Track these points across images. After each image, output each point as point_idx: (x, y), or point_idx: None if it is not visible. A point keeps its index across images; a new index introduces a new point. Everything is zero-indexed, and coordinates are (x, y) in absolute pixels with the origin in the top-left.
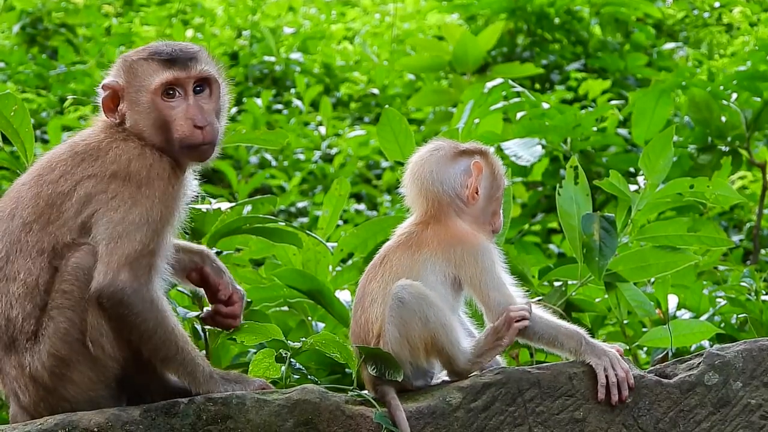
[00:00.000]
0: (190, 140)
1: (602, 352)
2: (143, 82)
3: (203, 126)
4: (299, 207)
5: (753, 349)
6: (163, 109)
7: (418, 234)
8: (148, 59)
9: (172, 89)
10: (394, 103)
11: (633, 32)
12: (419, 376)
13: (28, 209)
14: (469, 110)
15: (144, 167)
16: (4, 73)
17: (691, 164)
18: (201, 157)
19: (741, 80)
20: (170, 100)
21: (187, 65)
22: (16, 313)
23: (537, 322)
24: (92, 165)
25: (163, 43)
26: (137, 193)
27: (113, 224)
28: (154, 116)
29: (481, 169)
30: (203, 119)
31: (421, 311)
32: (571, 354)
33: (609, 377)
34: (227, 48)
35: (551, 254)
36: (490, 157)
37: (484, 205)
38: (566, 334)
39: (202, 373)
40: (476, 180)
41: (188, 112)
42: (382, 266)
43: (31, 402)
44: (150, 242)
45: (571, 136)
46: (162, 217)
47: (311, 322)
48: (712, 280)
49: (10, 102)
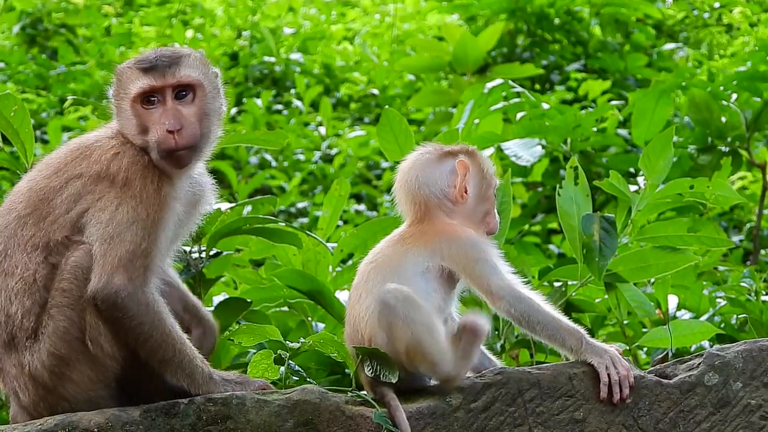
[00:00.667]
0: (164, 145)
1: (603, 351)
2: (126, 89)
3: (174, 130)
4: (299, 207)
5: (753, 350)
6: (142, 115)
7: (406, 232)
8: (132, 67)
9: (152, 96)
10: (394, 104)
11: (633, 33)
12: (415, 378)
13: (22, 203)
14: (469, 111)
15: (121, 168)
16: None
17: (691, 165)
18: (178, 163)
19: (741, 81)
20: (149, 107)
21: (165, 72)
22: (16, 308)
23: (540, 312)
24: (80, 164)
25: (153, 50)
26: (120, 194)
27: (103, 225)
28: (134, 122)
29: (467, 168)
30: (176, 123)
31: (406, 315)
32: (571, 352)
33: (611, 376)
34: (227, 48)
35: (551, 255)
36: (477, 156)
37: (475, 204)
38: (567, 330)
39: (200, 375)
40: (463, 179)
41: (162, 117)
42: (369, 265)
43: (31, 401)
44: (141, 242)
45: (571, 137)
46: (149, 216)
47: (311, 322)
48: (712, 280)
49: (10, 102)
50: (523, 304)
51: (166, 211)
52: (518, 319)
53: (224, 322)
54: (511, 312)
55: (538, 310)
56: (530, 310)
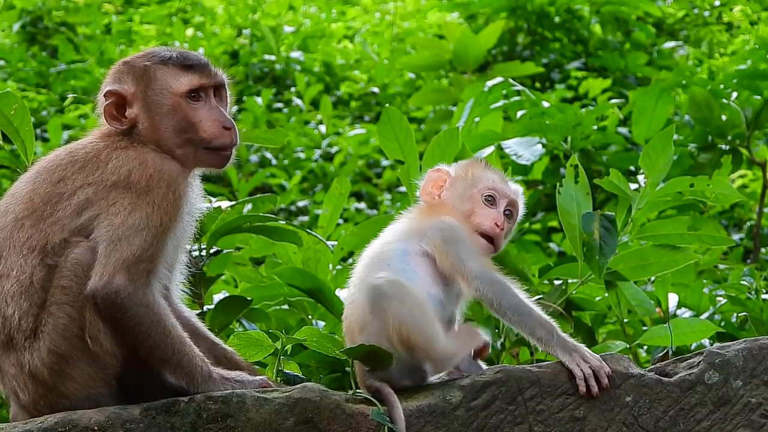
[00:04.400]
0: (219, 141)
1: (573, 348)
2: (165, 84)
3: (230, 127)
4: (299, 206)
5: (753, 348)
6: (188, 111)
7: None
8: (165, 63)
9: (196, 93)
10: (395, 102)
11: (633, 31)
12: (406, 374)
13: (21, 205)
14: (469, 109)
15: (144, 176)
16: (4, 72)
17: (692, 163)
18: (222, 160)
19: (741, 79)
20: (195, 103)
21: (209, 71)
22: (12, 311)
23: (513, 297)
24: (93, 173)
25: (165, 49)
26: (137, 200)
27: (113, 228)
28: (178, 118)
29: (438, 172)
30: (230, 121)
31: (399, 299)
32: (540, 343)
33: (583, 370)
34: (227, 47)
35: (551, 253)
36: (461, 162)
37: (456, 204)
38: (539, 321)
39: (200, 374)
40: (430, 182)
41: (214, 114)
42: (362, 261)
43: (31, 400)
44: (149, 247)
45: (572, 135)
46: (162, 223)
47: (311, 320)
48: (713, 278)
49: (11, 100)
50: (496, 286)
51: (179, 219)
52: (490, 301)
53: (224, 321)
54: (483, 292)
55: (511, 294)
56: (503, 294)
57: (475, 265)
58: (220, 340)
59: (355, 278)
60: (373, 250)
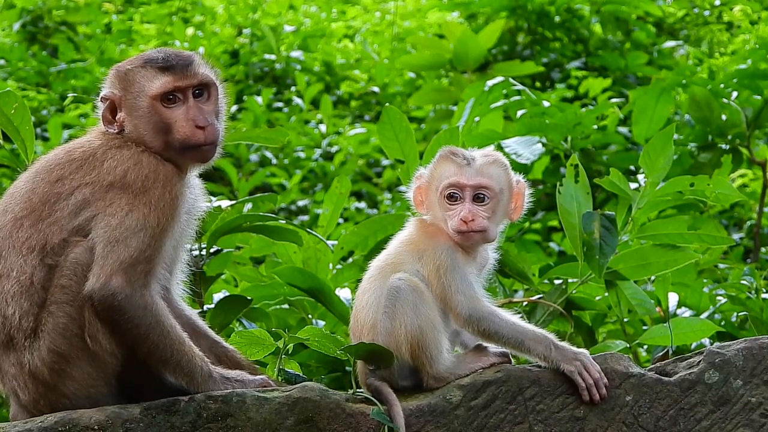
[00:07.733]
0: (192, 140)
1: (573, 357)
2: (142, 87)
3: (204, 126)
4: (300, 205)
5: (753, 347)
6: (163, 113)
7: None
8: (145, 66)
9: (172, 95)
10: (395, 101)
11: (633, 30)
12: (407, 374)
13: (20, 205)
14: (469, 108)
15: (140, 177)
16: (4, 71)
17: (692, 162)
18: (203, 157)
19: (741, 78)
20: (170, 105)
21: (185, 73)
22: (13, 310)
23: (502, 326)
24: (89, 173)
25: (157, 51)
26: (134, 201)
27: (111, 229)
28: (154, 120)
29: (418, 179)
30: (204, 120)
31: (414, 303)
32: (542, 360)
33: (585, 380)
34: (228, 46)
35: (552, 252)
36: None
37: (434, 215)
38: (534, 338)
39: (200, 374)
40: (413, 192)
41: (189, 114)
42: (376, 262)
43: (31, 400)
44: (146, 249)
45: (572, 135)
46: (159, 224)
47: (311, 320)
48: (713, 278)
49: (11, 100)
50: (483, 323)
51: (176, 219)
52: (481, 333)
53: (224, 320)
54: (473, 328)
55: (500, 324)
56: (492, 327)
57: (463, 300)
58: (221, 339)
59: (367, 277)
60: (383, 260)
